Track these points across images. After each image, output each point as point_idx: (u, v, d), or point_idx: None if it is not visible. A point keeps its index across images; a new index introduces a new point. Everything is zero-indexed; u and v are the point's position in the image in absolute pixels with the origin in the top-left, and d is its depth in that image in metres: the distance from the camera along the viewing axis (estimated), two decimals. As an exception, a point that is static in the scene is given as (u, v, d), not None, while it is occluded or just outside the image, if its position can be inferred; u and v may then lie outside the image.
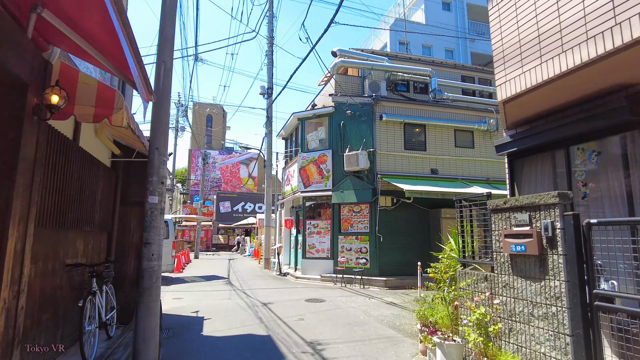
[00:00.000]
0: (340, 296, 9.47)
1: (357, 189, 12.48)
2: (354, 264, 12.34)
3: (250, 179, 39.45)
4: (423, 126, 13.48)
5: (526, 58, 4.38)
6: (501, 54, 4.85)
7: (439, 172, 13.28)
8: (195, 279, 13.22)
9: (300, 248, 13.79)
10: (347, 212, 12.78)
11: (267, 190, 16.60)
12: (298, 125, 14.68)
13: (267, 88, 16.98)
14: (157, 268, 4.51)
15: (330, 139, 13.40)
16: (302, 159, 13.73)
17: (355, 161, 12.33)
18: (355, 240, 12.49)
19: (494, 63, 5.06)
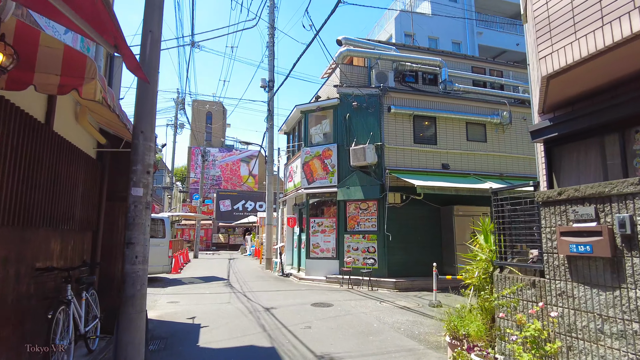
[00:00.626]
0: (348, 300, 8.78)
1: (364, 185, 11.78)
2: (361, 264, 11.65)
3: (251, 177, 38.75)
4: (433, 119, 12.77)
5: (582, 21, 3.67)
6: (546, 20, 4.14)
7: (450, 168, 12.58)
8: (193, 280, 12.53)
9: (304, 247, 13.11)
10: (354, 210, 12.09)
11: (269, 187, 15.90)
12: (301, 119, 13.98)
13: (269, 81, 16.27)
14: (142, 273, 3.82)
15: (335, 132, 12.70)
16: (306, 153, 13.03)
17: (362, 155, 11.63)
18: (362, 240, 11.80)
19: (537, 33, 4.35)
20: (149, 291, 9.89)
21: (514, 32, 23.11)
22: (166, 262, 11.78)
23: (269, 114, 15.97)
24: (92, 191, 5.64)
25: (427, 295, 9.72)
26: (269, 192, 15.86)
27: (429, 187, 10.44)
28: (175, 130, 33.18)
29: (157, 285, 11.11)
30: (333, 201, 12.50)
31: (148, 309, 7.80)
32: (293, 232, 14.69)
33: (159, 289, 10.38)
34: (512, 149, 13.62)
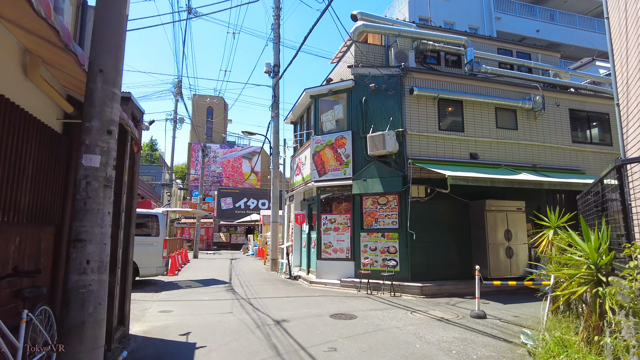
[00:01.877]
0: (372, 309, 7.43)
1: (384, 177, 10.42)
2: (381, 266, 10.29)
3: (253, 174, 37.42)
4: (460, 103, 11.40)
5: None
6: None
7: (479, 158, 11.21)
8: (191, 283, 11.19)
9: (314, 247, 11.75)
10: (371, 205, 10.72)
11: (274, 181, 14.55)
12: (310, 105, 12.62)
13: (273, 65, 14.93)
14: (96, 287, 2.47)
15: (350, 118, 11.34)
16: (316, 142, 11.67)
17: (381, 143, 10.26)
18: (381, 238, 10.44)
19: None
20: (139, 297, 8.56)
21: (533, 17, 21.72)
22: (160, 264, 10.45)
23: (274, 100, 14.61)
24: (53, 173, 4.30)
25: (460, 302, 8.36)
26: (274, 187, 14.51)
27: (461, 178, 9.07)
28: (175, 125, 31.92)
29: (149, 290, 9.78)
30: (347, 195, 11.15)
31: (134, 321, 6.47)
32: (301, 230, 13.34)
33: (151, 295, 9.04)
34: (544, 138, 12.23)
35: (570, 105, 12.79)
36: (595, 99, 13.09)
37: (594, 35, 22.25)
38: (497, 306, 8.00)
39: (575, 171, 12.22)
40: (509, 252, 10.35)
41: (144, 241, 10.28)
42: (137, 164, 5.90)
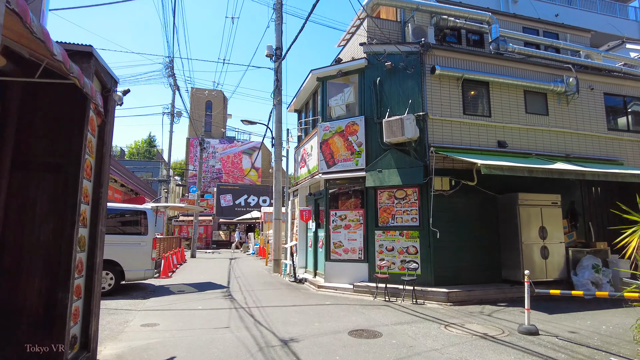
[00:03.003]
0: (397, 322, 6.19)
1: (402, 167, 9.17)
2: (399, 269, 9.06)
3: (254, 170, 36.19)
4: (486, 84, 10.13)
5: None
6: None
7: (507, 146, 9.95)
8: (184, 288, 9.97)
9: (322, 247, 10.52)
10: (387, 199, 9.48)
11: (276, 175, 13.30)
12: (317, 88, 11.36)
13: (276, 48, 13.66)
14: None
15: (362, 102, 10.08)
16: (324, 130, 10.42)
17: (400, 129, 9.01)
18: (399, 237, 9.20)
19: None
20: (122, 306, 7.35)
21: (552, 1, 20.38)
22: (149, 266, 9.22)
23: (276, 86, 13.34)
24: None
25: (496, 312, 7.13)
26: (277, 181, 13.26)
27: (496, 167, 7.81)
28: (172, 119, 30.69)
29: (136, 296, 8.56)
30: (360, 188, 9.90)
31: (107, 340, 5.23)
32: (307, 228, 12.10)
33: (137, 303, 7.82)
34: (578, 125, 10.97)
35: (606, 88, 11.52)
36: (634, 82, 11.81)
37: (615, 21, 20.94)
38: (542, 317, 6.76)
39: (612, 162, 10.96)
40: (545, 253, 9.11)
41: (130, 240, 9.07)
42: (109, 144, 4.66)
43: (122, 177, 15.19)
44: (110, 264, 8.68)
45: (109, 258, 8.66)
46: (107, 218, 9.04)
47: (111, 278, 8.64)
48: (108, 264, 8.66)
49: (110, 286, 8.61)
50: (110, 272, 8.63)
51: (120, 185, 16.64)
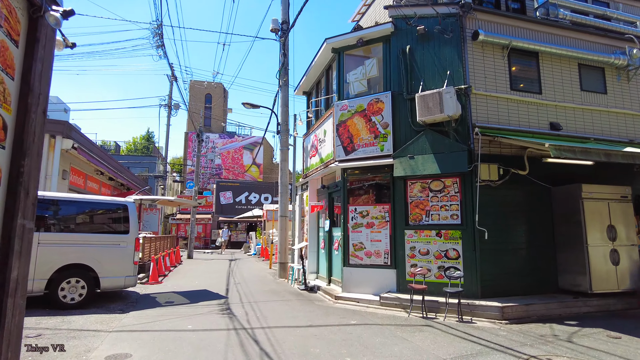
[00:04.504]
0: (459, 356, 4.53)
1: (440, 152, 7.51)
2: (436, 276, 7.41)
3: (255, 166, 34.52)
4: (535, 55, 8.47)
5: None
6: None
7: (562, 128, 8.29)
8: (174, 297, 8.32)
9: (338, 249, 8.87)
10: (420, 192, 7.82)
11: (283, 166, 11.64)
12: (332, 62, 9.70)
13: (282, 22, 11.99)
14: None
15: (388, 75, 8.43)
16: (342, 109, 8.76)
17: (437, 105, 7.35)
18: (435, 238, 7.54)
19: None
20: (90, 324, 5.71)
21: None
22: (130, 271, 7.56)
23: (283, 64, 11.66)
24: None
25: (574, 336, 5.46)
26: (283, 172, 11.60)
27: (568, 150, 6.15)
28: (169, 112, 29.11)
29: (113, 309, 6.90)
30: (385, 179, 8.26)
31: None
32: (318, 226, 10.44)
33: (111, 319, 6.16)
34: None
35: (670, 64, 9.82)
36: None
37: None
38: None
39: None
40: (614, 257, 7.44)
41: (108, 240, 7.42)
42: (42, 94, 3.01)
43: (110, 170, 13.54)
44: (82, 270, 7.04)
45: (81, 262, 7.03)
46: (79, 213, 7.42)
47: (83, 287, 6.99)
48: (80, 270, 7.02)
49: (81, 297, 6.96)
50: (81, 279, 6.98)
51: (109, 178, 15.01)
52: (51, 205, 6.94)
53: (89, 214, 7.42)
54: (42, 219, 6.83)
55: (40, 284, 6.62)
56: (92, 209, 7.48)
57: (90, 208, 7.45)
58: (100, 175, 13.89)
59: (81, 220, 7.30)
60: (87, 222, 7.37)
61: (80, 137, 10.49)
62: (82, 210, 7.33)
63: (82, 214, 7.33)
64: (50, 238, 6.80)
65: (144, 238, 11.40)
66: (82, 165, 11.92)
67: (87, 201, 7.43)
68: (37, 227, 6.78)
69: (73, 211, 7.21)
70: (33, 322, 5.74)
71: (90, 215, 7.44)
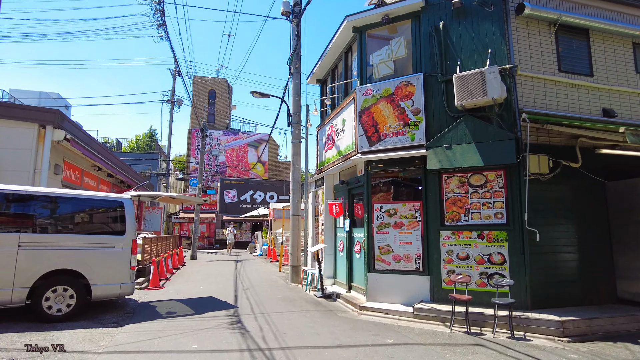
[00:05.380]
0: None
1: (483, 141, 6.52)
2: (477, 284, 6.43)
3: (260, 164, 33.59)
4: (585, 33, 7.46)
5: None
6: None
7: (616, 115, 7.28)
8: (177, 306, 7.39)
9: (360, 252, 7.91)
10: (458, 187, 6.84)
11: (294, 160, 10.67)
12: (352, 43, 8.75)
13: (293, 4, 11.02)
14: None
15: (418, 55, 7.45)
16: (365, 94, 7.78)
17: (480, 86, 6.37)
18: (477, 240, 6.56)
19: None
20: (76, 343, 4.77)
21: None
22: (126, 277, 6.62)
23: (295, 49, 10.69)
24: None
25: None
26: (295, 167, 10.63)
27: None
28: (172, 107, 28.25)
29: (106, 321, 5.97)
30: (416, 173, 7.29)
31: None
32: (336, 226, 9.48)
33: (103, 335, 5.22)
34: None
35: None
36: None
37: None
38: None
39: None
40: (684, 263, 6.44)
41: (101, 242, 6.48)
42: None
43: (108, 165, 12.63)
44: (71, 276, 6.10)
45: (69, 267, 6.09)
46: (67, 212, 6.47)
47: (71, 296, 6.05)
48: (68, 276, 6.08)
49: (69, 307, 6.02)
50: (69, 287, 6.04)
51: (107, 175, 14.10)
52: (34, 202, 6.00)
53: (78, 212, 6.47)
54: (24, 218, 5.90)
55: (21, 293, 5.69)
56: (82, 206, 6.52)
57: (80, 205, 6.49)
58: (98, 171, 12.98)
59: (70, 219, 6.35)
60: (76, 222, 6.43)
61: (74, 128, 9.57)
62: (70, 208, 6.38)
63: (71, 212, 6.38)
64: (33, 240, 5.86)
65: (143, 239, 10.48)
66: (78, 159, 11.01)
67: (77, 197, 6.47)
68: (18, 227, 5.85)
69: (60, 209, 6.27)
70: (8, 340, 4.81)
71: (81, 213, 6.49)
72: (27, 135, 8.32)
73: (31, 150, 8.36)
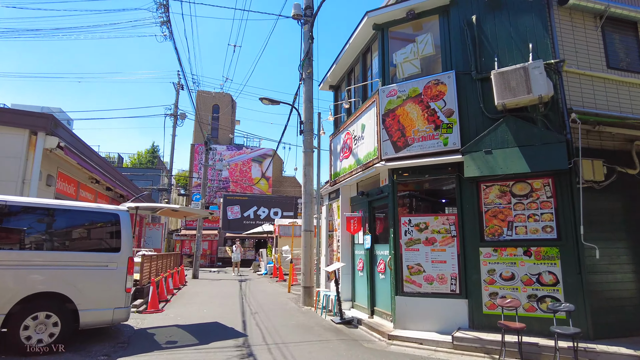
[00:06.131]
0: None
1: (528, 145, 5.74)
2: (525, 309, 5.55)
3: (264, 179, 32.83)
4: (634, 25, 6.78)
5: None
6: None
7: (671, 117, 6.51)
8: (178, 334, 6.49)
9: (385, 272, 7.03)
10: (499, 197, 6.03)
11: (306, 171, 9.89)
12: (372, 43, 8.09)
13: (305, 7, 10.46)
14: None
15: (448, 51, 6.75)
16: (389, 95, 7.05)
17: (523, 83, 5.63)
18: (524, 258, 5.70)
19: None
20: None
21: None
22: (121, 301, 5.76)
23: (307, 54, 10.05)
24: None
25: None
26: (307, 179, 9.84)
27: None
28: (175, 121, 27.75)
29: (95, 355, 5.08)
30: (449, 182, 6.50)
31: None
32: (353, 242, 8.62)
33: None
34: None
35: None
36: None
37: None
38: None
39: None
40: None
41: (91, 261, 5.64)
42: None
43: (107, 178, 11.88)
44: (56, 300, 5.25)
45: (53, 290, 5.25)
46: (52, 225, 5.64)
47: (55, 324, 5.18)
48: (51, 300, 5.23)
49: (52, 337, 5.14)
50: (53, 313, 5.18)
51: (106, 188, 13.34)
52: (13, 214, 5.20)
53: (65, 226, 5.66)
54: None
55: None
56: (70, 219, 5.71)
57: (68, 218, 5.68)
58: (96, 184, 12.22)
59: (55, 234, 5.54)
60: (63, 237, 5.61)
61: (69, 135, 8.85)
62: (56, 221, 5.57)
63: (57, 225, 5.57)
64: (9, 258, 5.03)
65: (142, 256, 9.63)
66: (74, 171, 10.27)
67: (64, 209, 5.66)
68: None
69: (44, 222, 5.45)
70: (-28, 382, 3.94)
71: (68, 227, 5.68)
72: (16, 142, 7.59)
73: (20, 159, 7.61)
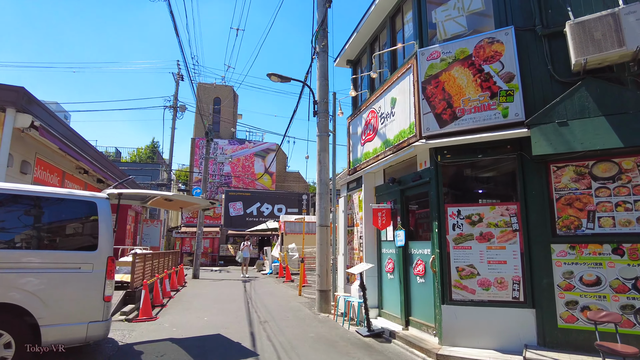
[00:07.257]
0: None
1: (616, 114, 4.47)
2: (617, 323, 4.29)
3: (267, 175, 31.60)
4: None
5: None
6: None
7: None
8: (171, 352, 5.26)
9: (425, 275, 5.78)
10: (575, 181, 4.77)
11: (322, 157, 8.63)
12: (403, 3, 6.81)
13: (319, -27, 9.17)
14: None
15: (502, 4, 5.49)
16: (431, 58, 5.78)
17: (612, 33, 4.37)
18: (612, 257, 4.45)
19: None
20: None
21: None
22: (97, 313, 4.52)
23: (321, 24, 8.78)
24: None
25: None
26: (323, 166, 8.58)
27: None
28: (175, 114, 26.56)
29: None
30: (509, 162, 5.24)
31: None
32: (380, 239, 7.36)
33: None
34: None
35: None
36: None
37: None
38: None
39: None
40: None
41: (58, 262, 4.39)
42: None
43: (96, 167, 10.64)
44: (7, 314, 4.01)
45: (5, 301, 4.00)
46: (6, 216, 4.42)
47: (7, 345, 3.95)
48: (2, 314, 3.99)
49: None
50: (4, 330, 3.95)
51: (97, 180, 12.12)
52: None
53: (24, 217, 4.42)
54: None
55: None
56: (31, 207, 4.46)
57: (27, 206, 4.43)
58: (85, 174, 10.99)
59: (11, 228, 4.30)
60: (19, 231, 4.36)
61: (46, 115, 7.59)
62: (11, 211, 4.33)
63: (11, 216, 4.33)
64: (-55, 258, 3.79)
65: (134, 255, 8.41)
66: (57, 158, 9.04)
67: (21, 194, 4.40)
68: None
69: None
70: None
71: (28, 218, 4.43)
72: (-22, 119, 6.35)
73: (-17, 140, 6.37)
